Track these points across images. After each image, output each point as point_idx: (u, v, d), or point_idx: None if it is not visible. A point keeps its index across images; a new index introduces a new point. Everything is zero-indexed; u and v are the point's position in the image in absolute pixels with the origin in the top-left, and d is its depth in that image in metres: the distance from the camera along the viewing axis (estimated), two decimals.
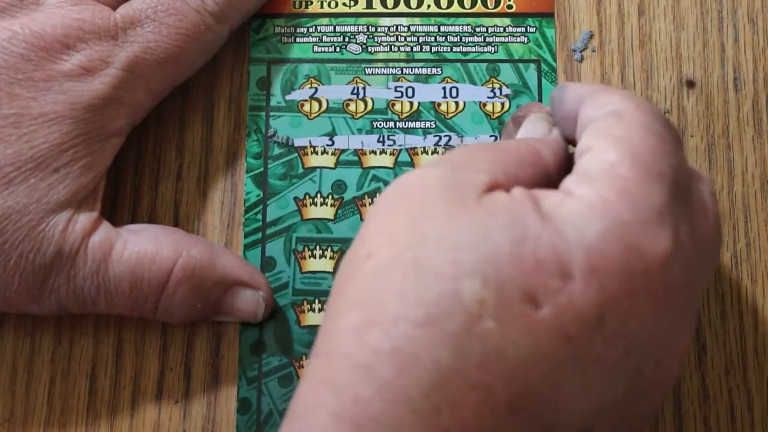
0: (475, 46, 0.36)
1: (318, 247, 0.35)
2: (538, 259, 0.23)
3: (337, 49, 0.36)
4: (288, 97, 0.36)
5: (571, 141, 0.29)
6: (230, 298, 0.33)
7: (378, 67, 0.36)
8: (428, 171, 0.26)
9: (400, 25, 0.37)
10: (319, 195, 0.35)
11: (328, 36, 0.37)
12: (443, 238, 0.23)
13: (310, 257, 0.35)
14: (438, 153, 0.35)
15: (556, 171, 0.27)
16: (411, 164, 0.35)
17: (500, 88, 0.36)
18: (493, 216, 0.24)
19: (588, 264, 0.23)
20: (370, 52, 0.36)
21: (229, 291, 0.33)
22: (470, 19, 0.37)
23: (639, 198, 0.24)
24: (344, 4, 0.37)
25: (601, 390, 0.24)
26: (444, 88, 0.36)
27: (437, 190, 0.25)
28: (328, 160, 0.35)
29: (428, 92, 0.36)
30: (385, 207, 0.26)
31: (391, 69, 0.36)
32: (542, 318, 0.23)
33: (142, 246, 0.31)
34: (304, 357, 0.34)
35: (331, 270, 0.34)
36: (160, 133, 0.36)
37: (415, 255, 0.23)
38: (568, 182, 0.25)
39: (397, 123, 0.36)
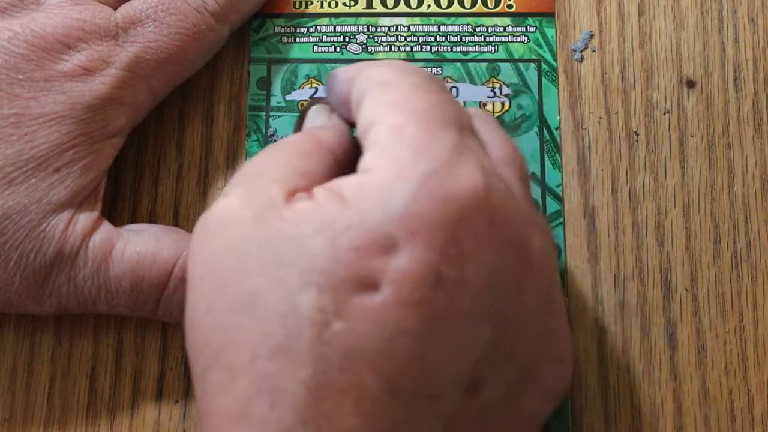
0: (475, 45, 0.36)
1: None
2: (356, 246, 0.23)
3: (338, 49, 0.36)
4: (288, 97, 0.36)
5: (352, 123, 0.29)
6: None
7: None
8: (226, 202, 0.26)
9: (400, 24, 0.37)
10: None
11: (328, 36, 0.37)
12: (264, 266, 0.23)
13: None
14: None
15: (342, 151, 0.28)
16: None
17: (500, 88, 0.36)
18: (299, 227, 0.24)
19: (406, 230, 0.23)
20: (371, 52, 0.36)
21: None
22: (470, 19, 0.37)
23: (433, 147, 0.24)
24: (344, 4, 0.37)
25: (466, 342, 0.24)
26: None
27: (242, 220, 0.25)
28: None
29: None
30: (201, 253, 0.25)
31: None
32: (384, 299, 0.23)
33: (142, 246, 0.31)
34: None
35: None
36: (160, 133, 0.36)
37: (244, 292, 0.23)
38: (365, 160, 0.25)
39: None
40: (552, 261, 0.27)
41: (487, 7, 0.37)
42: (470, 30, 0.37)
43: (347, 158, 0.27)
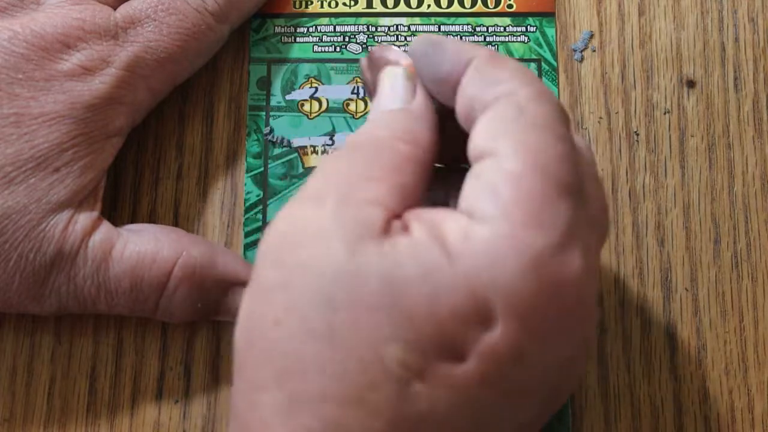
0: None
1: None
2: (455, 310, 0.22)
3: (338, 49, 0.36)
4: (288, 97, 0.36)
5: (443, 105, 0.27)
6: (230, 297, 0.33)
7: None
8: (320, 214, 0.24)
9: (401, 24, 0.37)
10: None
11: (328, 36, 0.37)
12: (352, 300, 0.22)
13: None
14: None
15: (433, 147, 0.26)
16: None
17: None
18: (400, 269, 0.22)
19: (507, 304, 0.22)
20: None
21: (230, 291, 0.33)
22: (470, 19, 0.37)
23: (549, 218, 0.23)
24: (344, 3, 0.37)
25: (521, 410, 0.24)
26: None
27: (334, 238, 0.23)
28: None
29: None
30: (278, 257, 0.24)
31: None
32: (467, 371, 0.22)
33: (142, 246, 0.31)
34: None
35: None
36: (160, 133, 0.36)
37: (327, 323, 0.22)
38: (470, 196, 0.24)
39: None
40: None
41: (487, 7, 0.37)
42: (470, 30, 0.37)
43: (433, 148, 0.25)
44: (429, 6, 0.37)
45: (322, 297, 0.22)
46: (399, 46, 0.36)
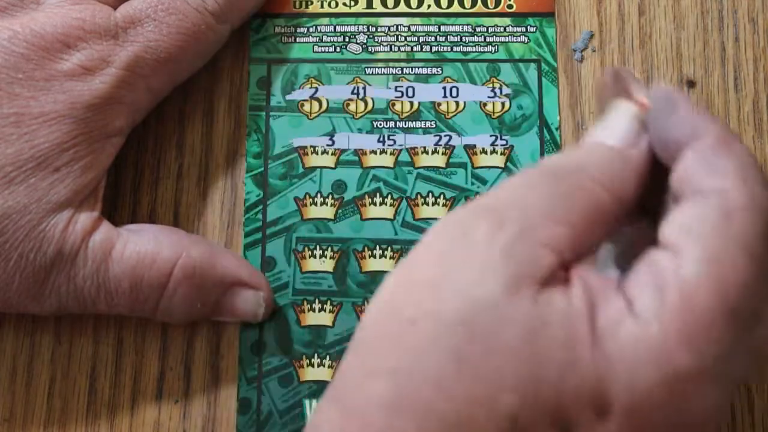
0: (475, 45, 0.36)
1: (318, 247, 0.35)
2: (580, 390, 0.22)
3: (338, 49, 0.36)
4: (288, 97, 0.36)
5: (661, 161, 0.25)
6: (230, 298, 0.33)
7: (378, 67, 0.36)
8: (495, 228, 0.23)
9: (401, 24, 0.37)
10: (319, 195, 0.35)
11: (328, 36, 0.37)
12: (492, 335, 0.22)
13: (310, 257, 0.35)
14: (438, 153, 0.35)
15: (630, 201, 0.25)
16: (411, 164, 0.35)
17: (500, 88, 0.36)
18: (546, 327, 0.22)
19: (628, 406, 0.22)
20: (371, 52, 0.36)
21: (229, 291, 0.33)
22: (470, 19, 0.37)
23: (703, 345, 0.22)
24: (344, 3, 0.37)
25: None
26: (444, 88, 0.36)
27: (498, 263, 0.22)
28: (329, 160, 0.35)
29: (428, 92, 0.36)
30: (440, 254, 0.23)
31: (391, 69, 0.36)
32: None
33: (142, 246, 0.31)
34: (304, 357, 0.34)
35: (332, 270, 0.34)
36: (160, 133, 0.36)
37: (459, 345, 0.22)
38: (636, 288, 0.23)
39: (398, 123, 0.36)
40: None
41: (487, 7, 0.37)
42: (470, 30, 0.37)
43: (635, 200, 0.24)
44: (429, 6, 0.37)
45: (464, 321, 0.22)
46: (399, 46, 0.36)
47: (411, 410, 0.22)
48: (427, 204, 0.35)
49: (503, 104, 0.36)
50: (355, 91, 0.36)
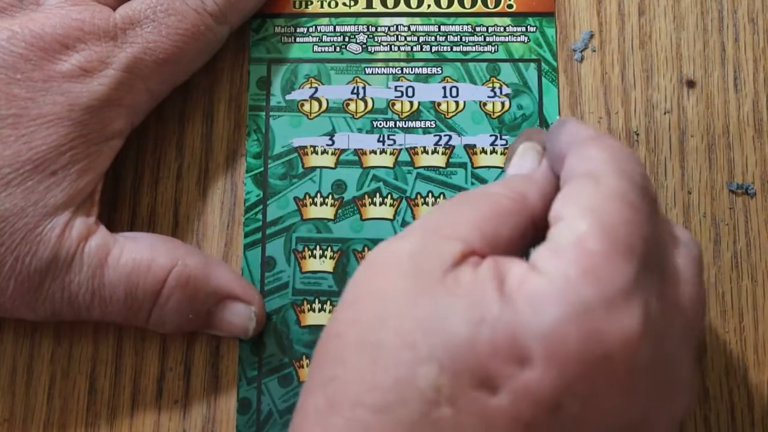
0: (475, 45, 0.36)
1: (318, 247, 0.35)
2: (494, 344, 0.22)
3: (337, 49, 0.36)
4: (288, 97, 0.36)
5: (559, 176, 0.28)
6: (222, 311, 0.33)
7: (378, 67, 0.36)
8: (399, 244, 0.25)
9: (400, 24, 0.37)
10: (319, 195, 0.35)
11: (328, 36, 0.37)
12: (403, 321, 0.23)
13: (310, 257, 0.35)
14: (438, 152, 0.35)
15: (543, 210, 0.27)
16: (411, 164, 0.35)
17: (500, 88, 0.36)
18: (453, 297, 0.23)
19: (546, 349, 0.22)
20: (370, 52, 0.36)
21: (221, 304, 0.33)
22: (470, 19, 0.37)
23: (604, 276, 0.23)
24: (344, 3, 0.37)
25: None
26: (444, 88, 0.36)
27: (404, 267, 0.24)
28: (328, 160, 0.35)
29: (428, 92, 0.36)
30: (355, 283, 0.25)
31: (391, 69, 0.36)
32: (498, 404, 0.22)
33: (138, 253, 0.31)
34: (304, 357, 0.34)
35: (332, 270, 0.34)
36: (160, 133, 0.36)
37: (376, 337, 0.23)
38: (537, 253, 0.24)
39: (397, 123, 0.36)
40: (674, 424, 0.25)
41: (487, 7, 0.37)
42: (470, 30, 0.37)
43: (546, 221, 0.26)
44: (429, 6, 0.37)
45: (378, 316, 0.24)
46: (399, 46, 0.36)
47: (341, 409, 0.23)
48: (427, 204, 0.35)
49: (503, 104, 0.36)
50: (355, 91, 0.36)
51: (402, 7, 0.37)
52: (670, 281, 0.25)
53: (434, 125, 0.36)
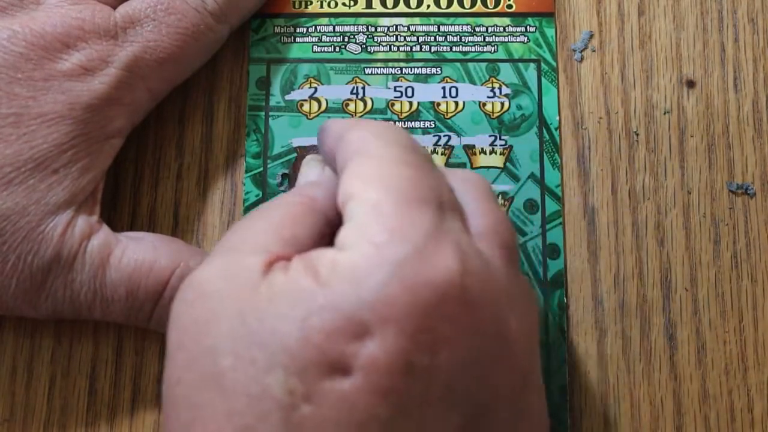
0: (474, 45, 0.36)
1: None
2: (328, 331, 0.23)
3: (337, 49, 0.36)
4: (287, 97, 0.36)
5: None
6: None
7: (377, 67, 0.36)
8: (203, 273, 0.25)
9: (400, 24, 0.37)
10: None
11: (327, 36, 0.37)
12: (235, 342, 0.23)
13: None
14: (437, 153, 0.35)
15: (334, 208, 0.27)
16: None
17: (500, 88, 0.36)
18: (273, 303, 0.23)
19: (378, 316, 0.23)
20: (370, 52, 0.36)
21: None
22: (470, 19, 0.37)
23: (408, 229, 0.24)
24: (344, 3, 0.37)
25: (436, 428, 0.23)
26: (443, 88, 0.36)
27: (216, 292, 0.25)
28: None
29: (428, 92, 0.36)
30: (175, 326, 0.25)
31: (390, 69, 0.36)
32: (354, 384, 0.22)
33: (140, 254, 0.31)
34: None
35: None
36: (160, 133, 0.36)
37: (216, 368, 0.23)
38: (341, 235, 0.25)
39: (397, 123, 0.36)
40: (531, 341, 0.26)
41: (487, 7, 0.37)
42: (470, 30, 0.37)
43: (340, 217, 0.27)
44: (428, 6, 0.37)
45: (210, 347, 0.24)
46: (398, 46, 0.36)
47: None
48: None
49: (503, 104, 0.36)
50: (355, 91, 0.36)
51: (401, 8, 0.37)
52: (472, 216, 0.27)
53: (434, 125, 0.36)
